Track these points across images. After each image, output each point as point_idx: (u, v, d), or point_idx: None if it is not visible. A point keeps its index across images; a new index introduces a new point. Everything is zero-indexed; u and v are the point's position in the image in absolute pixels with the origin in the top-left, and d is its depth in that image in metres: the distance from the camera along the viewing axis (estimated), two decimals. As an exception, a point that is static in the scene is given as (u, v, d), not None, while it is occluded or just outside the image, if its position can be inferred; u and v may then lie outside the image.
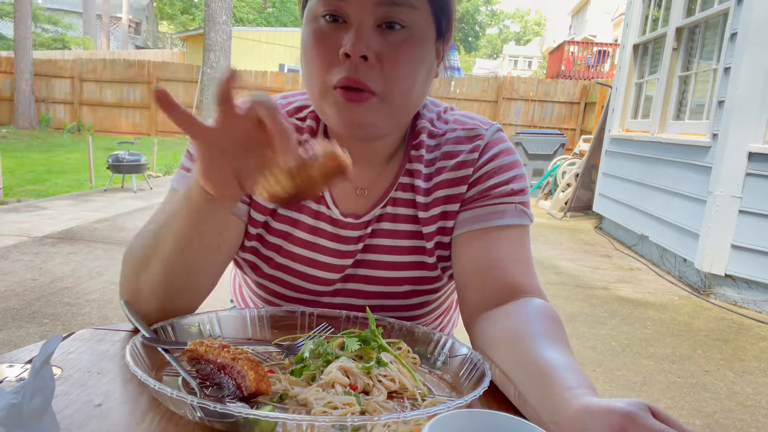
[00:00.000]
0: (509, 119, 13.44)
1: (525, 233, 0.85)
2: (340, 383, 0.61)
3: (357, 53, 0.71)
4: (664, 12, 5.56)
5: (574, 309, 3.60)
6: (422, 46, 0.76)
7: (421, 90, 0.79)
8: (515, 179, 0.86)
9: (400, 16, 0.73)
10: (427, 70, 0.78)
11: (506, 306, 0.77)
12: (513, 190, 0.85)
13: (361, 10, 0.72)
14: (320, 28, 0.74)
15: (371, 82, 0.73)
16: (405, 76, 0.75)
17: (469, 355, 0.70)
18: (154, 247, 0.75)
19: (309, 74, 0.77)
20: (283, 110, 0.91)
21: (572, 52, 18.49)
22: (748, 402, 2.48)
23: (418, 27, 0.75)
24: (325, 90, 0.75)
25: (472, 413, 0.46)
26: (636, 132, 5.86)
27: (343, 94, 0.73)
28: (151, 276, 0.75)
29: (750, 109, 3.76)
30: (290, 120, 0.89)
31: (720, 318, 3.59)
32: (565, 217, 7.08)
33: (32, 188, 6.94)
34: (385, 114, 0.76)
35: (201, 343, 0.65)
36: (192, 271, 0.76)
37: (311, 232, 0.88)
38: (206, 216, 0.69)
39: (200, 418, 0.54)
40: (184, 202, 0.70)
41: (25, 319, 2.89)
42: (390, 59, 0.73)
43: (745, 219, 3.82)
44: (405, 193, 0.87)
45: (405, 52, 0.74)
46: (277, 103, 0.57)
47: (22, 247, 4.18)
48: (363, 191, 0.88)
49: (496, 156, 0.87)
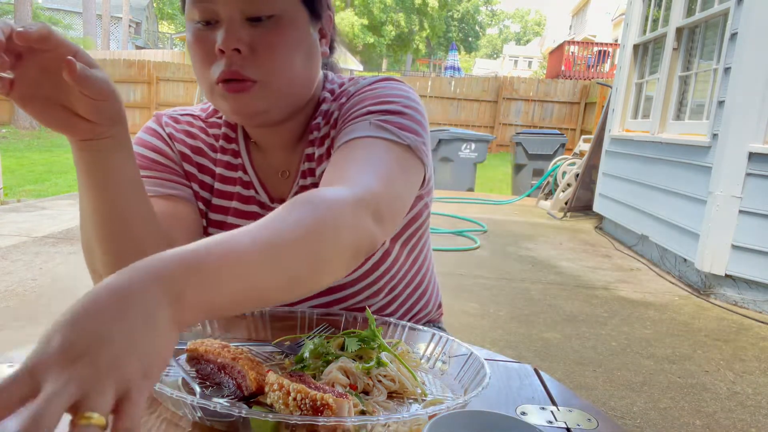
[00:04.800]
0: (509, 119, 13.45)
1: (379, 143, 0.76)
2: (340, 383, 0.61)
3: (229, 47, 0.76)
4: (664, 12, 5.56)
5: (574, 309, 3.60)
6: (294, 30, 0.80)
7: (304, 70, 0.83)
8: (379, 103, 0.81)
9: (264, 7, 0.77)
10: (306, 51, 0.83)
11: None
12: (370, 111, 0.81)
13: (228, 8, 0.77)
14: (197, 30, 0.80)
15: (248, 72, 0.78)
16: (280, 60, 0.79)
17: (469, 355, 0.70)
18: (86, 230, 0.77)
19: (197, 74, 0.83)
20: (204, 113, 0.97)
21: (572, 52, 18.49)
22: (748, 402, 2.48)
23: (286, 14, 0.79)
24: (210, 86, 0.81)
25: (472, 413, 0.46)
26: (636, 132, 5.86)
27: (225, 87, 0.78)
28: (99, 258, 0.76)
29: (750, 109, 3.76)
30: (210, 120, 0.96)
31: (720, 318, 3.59)
32: (565, 218, 7.08)
33: (32, 188, 6.94)
34: (271, 98, 0.81)
35: (201, 343, 0.65)
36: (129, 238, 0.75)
37: (243, 217, 0.93)
38: (92, 164, 0.70)
39: (200, 418, 0.54)
40: (77, 168, 0.72)
41: (26, 318, 2.89)
42: (262, 47, 0.78)
43: (746, 219, 3.82)
44: (310, 163, 0.91)
45: (275, 37, 0.78)
46: (44, 25, 0.58)
47: (22, 247, 4.18)
48: (285, 173, 0.93)
49: (364, 91, 0.87)
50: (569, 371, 2.68)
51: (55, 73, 0.62)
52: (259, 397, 0.60)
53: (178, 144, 0.93)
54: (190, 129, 0.95)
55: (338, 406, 0.51)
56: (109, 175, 0.71)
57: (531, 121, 13.24)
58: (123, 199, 0.73)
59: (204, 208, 0.93)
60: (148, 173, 0.87)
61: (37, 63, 0.61)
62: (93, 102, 0.64)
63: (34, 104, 0.63)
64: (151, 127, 0.94)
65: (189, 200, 0.90)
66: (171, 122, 0.95)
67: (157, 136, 0.92)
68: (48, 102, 0.64)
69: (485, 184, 9.71)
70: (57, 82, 0.62)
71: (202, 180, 0.93)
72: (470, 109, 13.74)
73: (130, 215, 0.74)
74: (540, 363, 2.73)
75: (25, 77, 0.61)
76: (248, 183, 0.93)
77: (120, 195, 0.73)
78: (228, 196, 0.94)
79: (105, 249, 0.75)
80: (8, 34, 0.56)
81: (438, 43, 38.73)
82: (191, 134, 0.94)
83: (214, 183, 0.94)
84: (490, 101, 13.54)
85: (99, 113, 0.66)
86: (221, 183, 0.94)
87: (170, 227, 0.83)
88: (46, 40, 0.58)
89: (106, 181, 0.71)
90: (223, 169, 0.94)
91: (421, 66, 39.66)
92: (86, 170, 0.70)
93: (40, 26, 0.58)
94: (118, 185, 0.72)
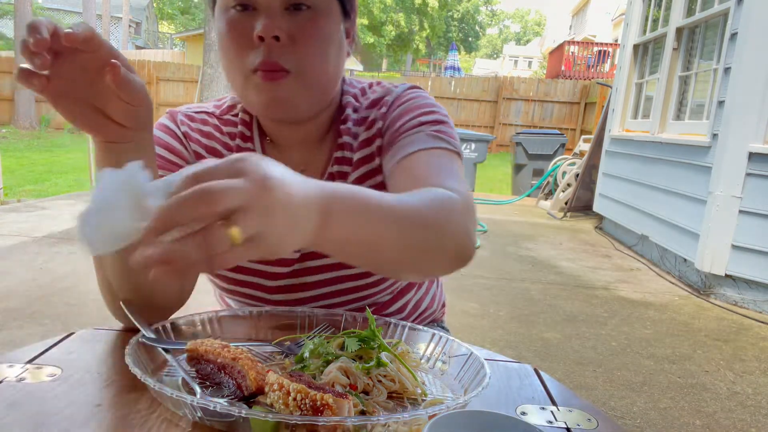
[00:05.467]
0: (509, 119, 13.45)
1: (444, 154, 0.83)
2: (340, 383, 0.61)
3: (269, 34, 0.76)
4: (664, 12, 5.56)
5: (574, 309, 3.60)
6: (329, 23, 0.81)
7: (334, 66, 0.84)
8: (424, 114, 0.87)
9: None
10: (337, 47, 0.84)
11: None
12: (422, 122, 0.86)
13: None
14: (233, 17, 0.79)
15: (285, 62, 0.78)
16: (316, 53, 0.80)
17: (469, 355, 0.70)
18: None
19: (229, 63, 0.82)
20: (218, 110, 0.96)
21: (572, 52, 18.50)
22: (748, 402, 2.48)
23: (323, 6, 0.80)
24: (245, 76, 0.80)
25: (472, 413, 0.46)
26: (636, 132, 5.86)
27: (263, 76, 0.78)
28: (109, 263, 0.76)
29: (750, 109, 3.76)
30: (225, 117, 0.95)
31: (720, 318, 3.59)
32: (565, 218, 7.08)
33: (32, 188, 6.94)
34: (301, 90, 0.81)
35: (201, 343, 0.65)
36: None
37: None
38: (111, 161, 0.69)
39: (200, 418, 0.54)
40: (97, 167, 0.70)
41: (26, 318, 2.89)
42: (301, 37, 0.78)
43: (745, 219, 3.82)
44: (341, 167, 0.91)
45: (314, 29, 0.79)
46: (88, 27, 0.59)
47: (22, 247, 4.18)
48: (303, 173, 0.91)
49: (404, 102, 0.90)
50: (569, 371, 2.68)
51: (91, 74, 0.62)
52: (259, 397, 0.60)
53: (193, 144, 0.92)
54: (204, 128, 0.94)
55: (338, 406, 0.51)
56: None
57: (531, 121, 13.24)
58: None
59: None
60: (160, 172, 0.86)
61: (75, 62, 0.61)
62: (128, 106, 0.64)
63: (67, 103, 0.63)
64: (165, 124, 0.92)
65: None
66: (186, 120, 0.93)
67: (171, 134, 0.91)
68: (80, 102, 0.64)
69: (485, 184, 9.72)
70: (92, 82, 0.63)
71: None
72: (470, 109, 13.74)
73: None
74: (540, 363, 2.73)
75: (61, 75, 0.61)
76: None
77: None
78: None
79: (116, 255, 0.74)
80: (52, 32, 0.56)
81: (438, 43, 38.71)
82: (206, 134, 0.93)
83: None
84: (490, 101, 13.54)
85: (131, 118, 0.66)
86: None
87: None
88: (90, 41, 0.58)
89: None
90: None
91: (421, 66, 39.67)
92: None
93: (84, 27, 0.58)
94: None
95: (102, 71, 0.61)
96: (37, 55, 0.56)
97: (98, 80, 0.62)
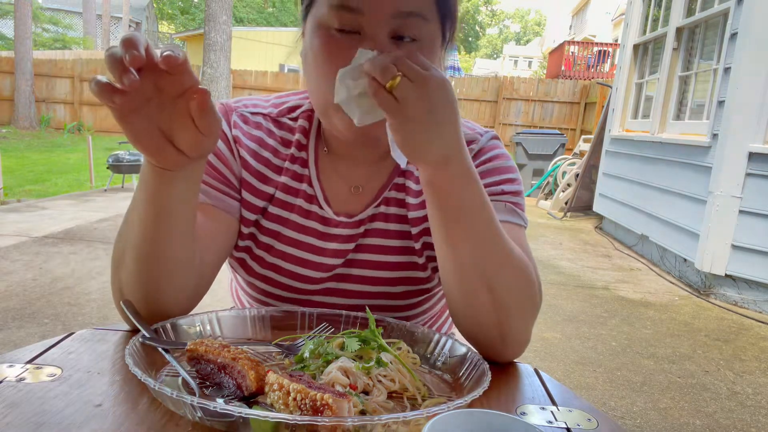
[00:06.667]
0: (509, 119, 13.44)
1: (518, 230, 0.83)
2: (340, 383, 0.61)
3: None
4: (664, 12, 5.56)
5: (574, 309, 3.60)
6: (431, 57, 0.77)
7: None
8: (507, 182, 0.87)
9: (412, 28, 0.74)
10: None
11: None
12: (503, 191, 0.86)
13: (377, 23, 0.73)
14: (332, 39, 0.74)
15: None
16: None
17: (469, 355, 0.70)
18: (125, 239, 0.74)
19: (319, 84, 0.77)
20: (276, 110, 0.92)
21: (572, 52, 18.48)
22: (748, 402, 2.48)
23: (428, 38, 0.76)
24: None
25: (472, 413, 0.46)
26: (636, 132, 5.86)
27: None
28: (127, 269, 0.74)
29: (750, 109, 3.76)
30: (282, 120, 0.90)
31: (720, 318, 3.59)
32: (565, 217, 7.08)
33: (32, 188, 6.94)
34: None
35: (201, 343, 0.65)
36: (164, 258, 0.72)
37: (301, 231, 0.88)
38: (160, 189, 0.68)
39: (200, 418, 0.54)
40: (141, 184, 0.69)
41: (26, 318, 2.89)
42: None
43: (745, 219, 3.82)
44: (398, 193, 0.89)
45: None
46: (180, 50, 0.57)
47: (22, 247, 4.18)
48: (357, 189, 0.89)
49: (488, 160, 0.88)
50: (569, 371, 2.68)
51: (167, 97, 0.60)
52: (259, 397, 0.60)
53: (242, 149, 0.87)
54: (257, 133, 0.89)
55: (338, 406, 0.51)
56: (172, 202, 0.69)
57: (531, 121, 13.23)
58: (175, 226, 0.71)
59: (252, 216, 0.87)
60: (205, 178, 0.83)
61: (152, 82, 0.59)
62: (197, 136, 0.62)
63: (134, 121, 0.60)
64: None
65: (230, 213, 0.85)
66: (239, 122, 0.89)
67: (221, 137, 0.86)
68: (147, 122, 0.61)
69: (485, 184, 9.70)
70: (164, 105, 0.60)
71: (260, 189, 0.88)
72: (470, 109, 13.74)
73: (174, 240, 0.72)
74: (540, 363, 2.73)
75: (136, 93, 0.58)
76: (312, 197, 0.88)
77: (174, 222, 0.71)
78: (289, 207, 0.88)
79: (138, 266, 0.73)
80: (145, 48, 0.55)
81: (438, 43, 38.63)
82: (258, 140, 0.88)
83: (275, 192, 0.88)
84: (490, 101, 13.53)
85: (197, 148, 0.64)
86: (284, 193, 0.88)
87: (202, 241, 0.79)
88: (183, 65, 0.57)
89: (169, 207, 0.69)
90: (289, 178, 0.88)
91: (421, 66, 39.54)
92: (153, 191, 0.68)
93: (178, 50, 0.56)
94: (176, 213, 0.70)
95: (181, 96, 0.60)
96: (128, 72, 0.54)
97: (171, 104, 0.60)
